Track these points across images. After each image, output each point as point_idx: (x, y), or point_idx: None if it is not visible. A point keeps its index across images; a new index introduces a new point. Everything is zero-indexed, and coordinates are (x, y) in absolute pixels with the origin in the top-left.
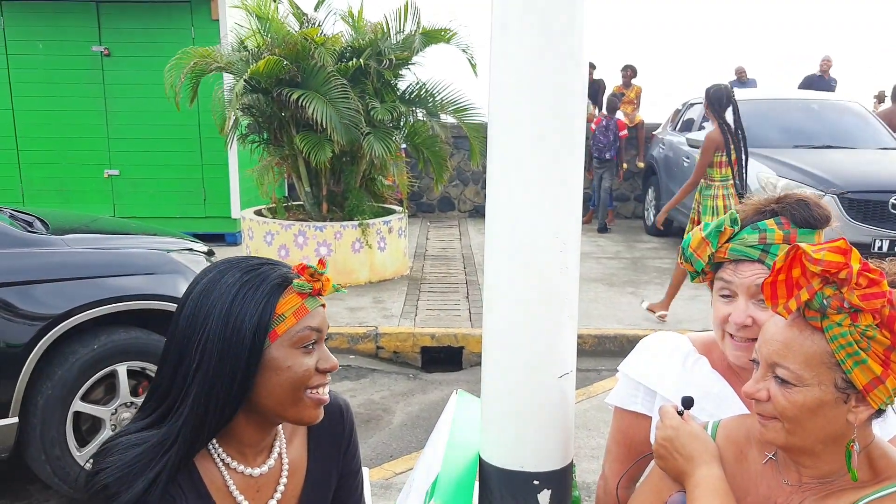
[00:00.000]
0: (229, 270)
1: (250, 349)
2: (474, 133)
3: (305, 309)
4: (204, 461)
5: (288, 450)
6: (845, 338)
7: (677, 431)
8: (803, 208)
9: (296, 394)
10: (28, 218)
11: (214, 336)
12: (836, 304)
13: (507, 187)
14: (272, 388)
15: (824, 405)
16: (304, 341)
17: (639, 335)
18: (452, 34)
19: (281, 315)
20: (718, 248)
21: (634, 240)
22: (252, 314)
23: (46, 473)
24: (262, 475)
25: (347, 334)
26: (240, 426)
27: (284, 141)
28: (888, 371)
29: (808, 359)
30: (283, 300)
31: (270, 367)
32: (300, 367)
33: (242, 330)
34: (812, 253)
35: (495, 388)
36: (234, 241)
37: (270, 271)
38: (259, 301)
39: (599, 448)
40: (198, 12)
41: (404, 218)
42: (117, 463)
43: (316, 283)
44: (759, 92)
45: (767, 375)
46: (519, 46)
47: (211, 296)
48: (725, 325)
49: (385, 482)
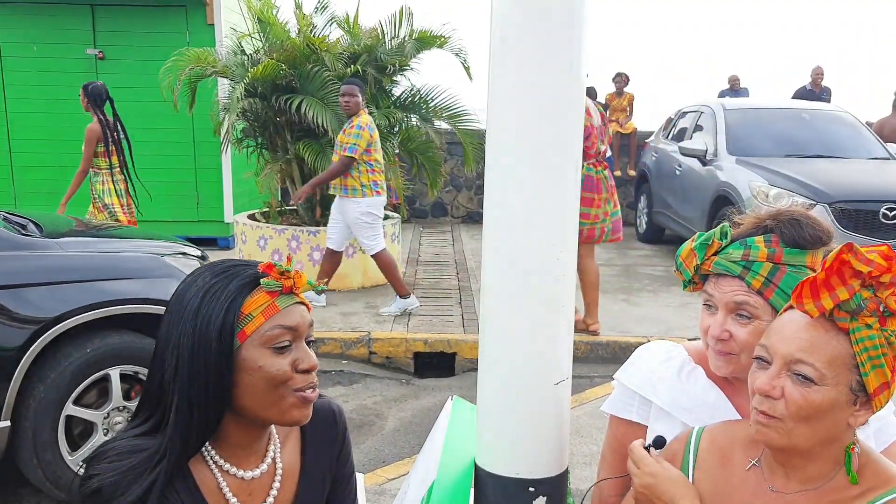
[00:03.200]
0: (201, 274)
1: (218, 351)
2: (468, 139)
3: (275, 307)
4: (198, 464)
5: (282, 453)
6: (871, 340)
7: (657, 478)
8: (794, 227)
9: (274, 394)
10: (21, 221)
11: (186, 340)
12: (872, 307)
13: (504, 195)
14: (248, 389)
15: (836, 406)
16: (274, 340)
17: (630, 342)
18: (446, 39)
19: (248, 315)
20: (704, 261)
21: (626, 247)
22: (217, 315)
23: (38, 477)
24: (255, 479)
25: (340, 339)
26: (229, 429)
27: (280, 146)
28: (895, 376)
29: (832, 358)
30: (251, 299)
31: (243, 368)
32: (272, 367)
33: (209, 332)
34: (865, 254)
35: (491, 394)
36: (227, 246)
37: (240, 272)
38: (224, 302)
39: (592, 455)
40: (193, 16)
41: (398, 223)
42: (111, 469)
43: (286, 280)
44: (751, 101)
45: (782, 374)
46: (518, 59)
47: (183, 301)
48: (706, 336)
49: (378, 488)
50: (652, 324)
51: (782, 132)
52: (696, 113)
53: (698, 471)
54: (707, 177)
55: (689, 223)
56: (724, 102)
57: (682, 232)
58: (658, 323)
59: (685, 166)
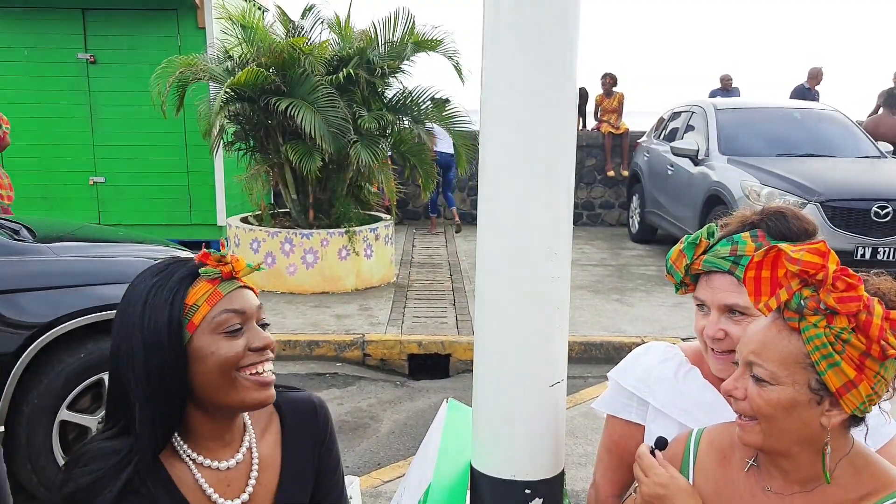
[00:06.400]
0: (142, 276)
1: (170, 345)
2: (461, 140)
3: (218, 293)
4: (172, 459)
5: (259, 444)
6: (820, 339)
7: (668, 489)
8: (780, 220)
9: (227, 377)
10: (14, 226)
11: (137, 341)
12: (812, 305)
13: (498, 198)
14: (204, 376)
15: (798, 405)
16: (223, 325)
17: (625, 342)
18: (439, 42)
19: (193, 305)
20: (693, 260)
21: (619, 247)
22: (163, 310)
23: (32, 483)
24: (230, 469)
25: (334, 342)
26: (195, 421)
27: (271, 148)
28: (862, 376)
29: (783, 358)
30: (193, 290)
31: (196, 357)
32: (225, 350)
33: (159, 329)
34: (791, 253)
35: (487, 397)
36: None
37: (178, 267)
38: (167, 297)
39: (587, 455)
40: (184, 20)
41: (391, 225)
42: (86, 472)
43: (224, 266)
44: (742, 101)
45: (745, 374)
46: (511, 61)
47: (129, 306)
48: (702, 337)
49: (373, 490)
50: (646, 324)
51: (773, 132)
52: (687, 113)
53: (698, 472)
54: (699, 176)
55: (681, 223)
56: (715, 102)
57: (674, 232)
58: (652, 323)
59: (677, 166)
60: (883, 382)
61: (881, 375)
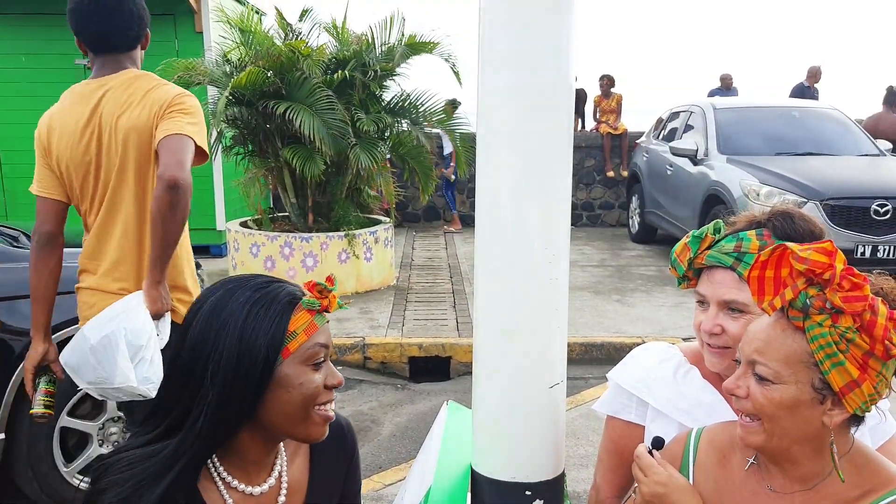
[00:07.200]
0: (238, 289)
1: (263, 366)
2: (459, 142)
3: (315, 325)
4: (203, 480)
5: (289, 469)
6: (825, 338)
7: (667, 488)
8: (786, 221)
9: (305, 411)
10: (13, 233)
11: (228, 354)
12: (818, 305)
13: (496, 199)
14: (283, 405)
15: (800, 404)
16: (314, 358)
17: (625, 343)
18: (435, 44)
19: (293, 332)
20: (697, 254)
21: (619, 248)
22: (266, 332)
23: (33, 490)
24: (262, 494)
25: (334, 345)
26: (244, 443)
27: (270, 152)
28: (865, 375)
29: (786, 357)
30: (295, 317)
31: (282, 384)
32: (311, 383)
33: (256, 347)
34: (798, 252)
35: (486, 399)
36: (219, 254)
37: (280, 289)
38: (272, 318)
39: (588, 456)
40: (182, 25)
41: (390, 228)
42: (126, 479)
43: (324, 299)
44: (741, 100)
45: (747, 372)
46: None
47: (222, 314)
48: (699, 332)
49: (375, 493)
50: (646, 324)
51: (772, 130)
52: (686, 113)
53: (698, 471)
54: (698, 176)
55: (680, 223)
56: (713, 102)
57: (674, 231)
58: (652, 323)
59: (676, 166)
60: (885, 382)
61: (883, 375)
